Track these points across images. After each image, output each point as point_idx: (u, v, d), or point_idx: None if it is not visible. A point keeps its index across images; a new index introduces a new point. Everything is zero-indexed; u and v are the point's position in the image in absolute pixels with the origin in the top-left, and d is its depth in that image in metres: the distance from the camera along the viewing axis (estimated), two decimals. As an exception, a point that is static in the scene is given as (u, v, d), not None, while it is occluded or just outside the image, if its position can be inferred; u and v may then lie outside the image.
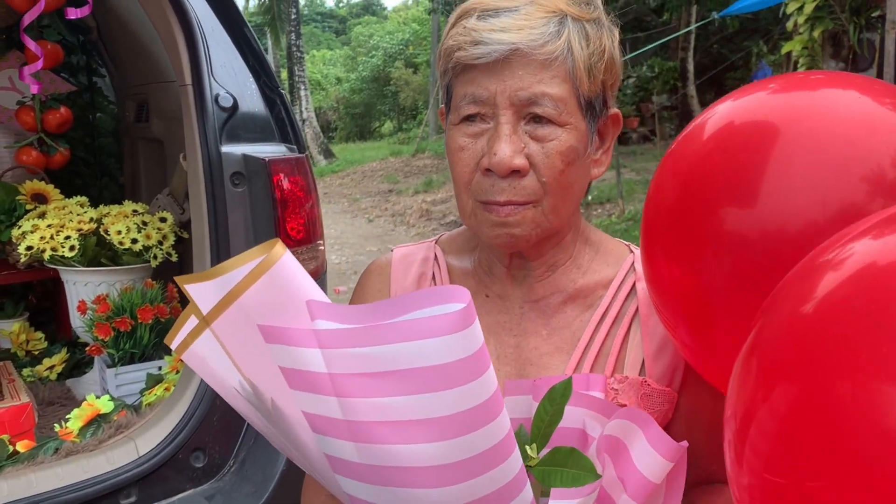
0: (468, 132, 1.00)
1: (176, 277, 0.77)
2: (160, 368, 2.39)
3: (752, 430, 0.61)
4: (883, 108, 0.78)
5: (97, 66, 3.44)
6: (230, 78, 2.21)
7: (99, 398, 2.12)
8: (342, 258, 9.50)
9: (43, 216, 2.57)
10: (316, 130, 22.35)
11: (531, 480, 0.80)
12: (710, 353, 0.90)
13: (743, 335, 0.71)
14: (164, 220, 2.58)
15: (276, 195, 2.17)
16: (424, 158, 17.88)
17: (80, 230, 2.44)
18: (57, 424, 2.09)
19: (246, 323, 0.72)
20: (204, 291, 0.74)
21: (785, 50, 9.39)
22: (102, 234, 2.46)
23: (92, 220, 2.49)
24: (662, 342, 1.06)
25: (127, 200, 2.65)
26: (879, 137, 0.75)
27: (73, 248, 2.41)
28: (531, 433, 0.83)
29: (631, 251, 1.15)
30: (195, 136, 2.14)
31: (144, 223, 2.52)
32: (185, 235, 2.59)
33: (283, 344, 0.72)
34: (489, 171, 0.98)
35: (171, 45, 2.20)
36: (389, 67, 28.53)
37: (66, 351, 2.79)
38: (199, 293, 0.75)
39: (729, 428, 0.67)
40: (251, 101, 2.24)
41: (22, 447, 1.98)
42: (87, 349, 2.50)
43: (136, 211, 2.57)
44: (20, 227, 2.51)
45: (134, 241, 2.45)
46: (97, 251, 2.46)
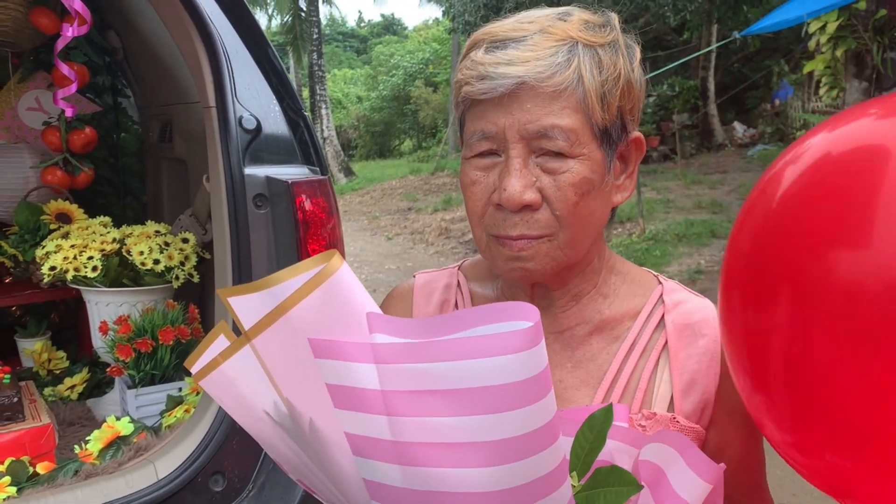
0: (480, 166, 0.99)
1: (218, 290, 0.74)
2: (180, 390, 2.38)
3: None
4: None
5: (122, 86, 3.48)
6: (254, 100, 2.22)
7: (119, 420, 2.11)
8: (361, 276, 9.51)
9: (66, 236, 2.58)
10: (336, 148, 22.51)
11: None
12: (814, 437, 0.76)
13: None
14: (186, 240, 2.59)
15: (298, 217, 2.16)
16: (443, 177, 17.93)
17: (102, 251, 2.45)
18: (77, 446, 2.09)
19: (292, 338, 0.69)
20: (248, 304, 0.71)
21: (807, 69, 9.35)
22: (125, 254, 2.47)
23: (115, 240, 2.50)
24: (692, 378, 1.03)
25: (149, 220, 2.66)
26: None
27: (95, 268, 2.42)
28: (570, 462, 0.81)
29: (659, 282, 1.12)
30: (218, 157, 2.14)
31: (167, 244, 2.53)
32: (207, 256, 2.59)
33: (334, 359, 0.69)
34: (501, 206, 0.96)
35: (195, 67, 2.22)
36: (409, 86, 28.71)
37: (87, 371, 2.80)
38: (242, 306, 0.72)
39: None
40: (274, 123, 2.24)
41: (42, 469, 1.98)
42: (107, 370, 2.50)
43: (158, 231, 2.58)
44: (44, 247, 2.53)
45: (156, 261, 2.46)
46: (119, 272, 2.47)
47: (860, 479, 0.72)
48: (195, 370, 0.77)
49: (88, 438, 2.08)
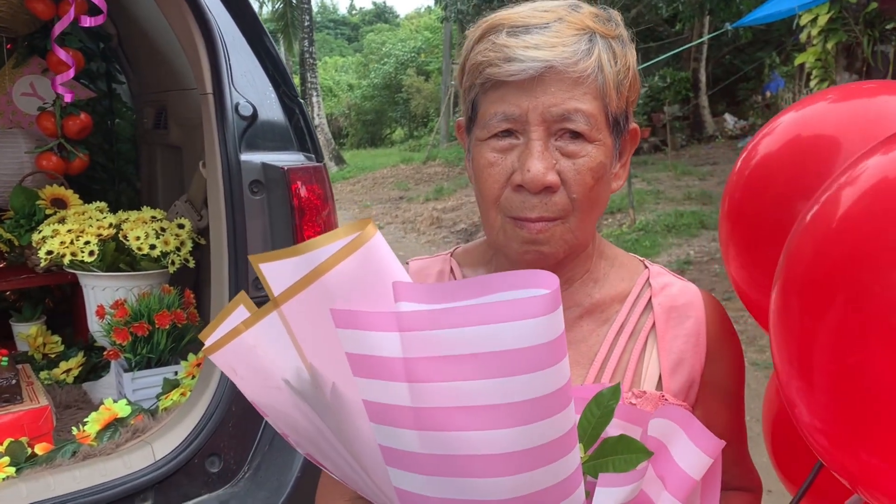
0: (497, 147, 0.99)
1: (250, 256, 0.75)
2: (176, 373, 2.41)
3: None
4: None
5: (116, 72, 3.48)
6: (250, 87, 2.24)
7: (116, 402, 2.14)
8: (353, 265, 9.50)
9: (63, 221, 2.60)
10: (327, 137, 22.43)
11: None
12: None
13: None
14: (182, 226, 2.61)
15: (293, 203, 2.19)
16: (435, 166, 17.91)
17: (99, 235, 2.47)
18: (74, 427, 2.11)
19: (323, 303, 0.70)
20: (280, 270, 0.72)
21: (798, 61, 9.39)
22: (121, 239, 2.49)
23: (111, 225, 2.52)
24: (679, 358, 1.08)
25: (144, 206, 2.68)
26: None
27: (92, 253, 2.44)
28: (578, 435, 0.83)
29: (646, 266, 1.16)
30: (215, 144, 2.16)
31: (163, 229, 2.55)
32: (202, 242, 2.62)
33: (355, 329, 0.70)
34: (520, 187, 0.97)
35: (192, 54, 2.23)
36: (401, 75, 28.62)
37: (82, 354, 2.82)
38: (274, 272, 0.73)
39: None
40: (270, 110, 2.26)
41: (40, 449, 2.00)
42: (104, 353, 2.53)
43: (154, 217, 2.60)
44: (40, 231, 2.54)
45: (152, 246, 2.48)
46: (116, 256, 2.49)
47: (887, 476, 0.77)
48: (210, 342, 0.78)
49: (86, 420, 2.10)
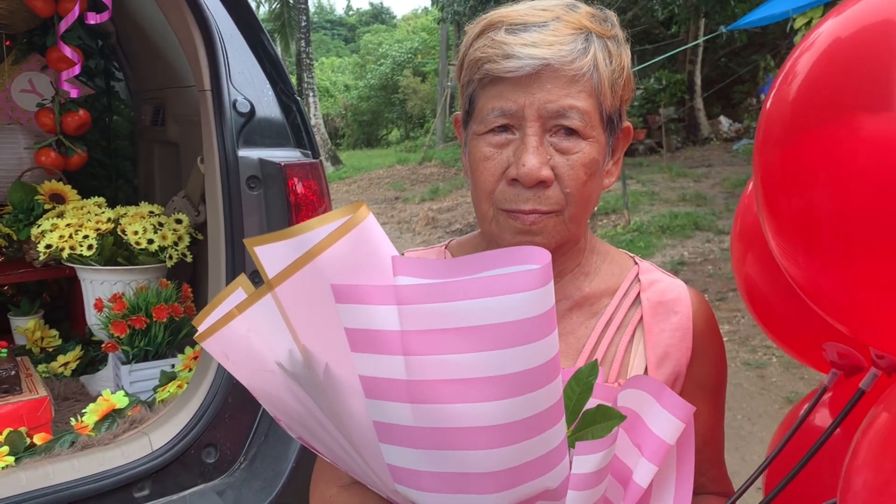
0: (493, 142, 1.02)
1: (245, 240, 0.76)
2: (173, 366, 2.44)
3: None
4: None
5: (115, 69, 3.51)
6: (248, 84, 2.27)
7: (114, 393, 2.17)
8: (348, 264, 9.52)
9: (62, 216, 2.63)
10: (324, 137, 22.44)
11: None
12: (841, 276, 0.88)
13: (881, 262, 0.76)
14: (179, 221, 2.64)
15: (290, 199, 2.22)
16: (431, 167, 17.94)
17: (98, 230, 2.50)
18: (73, 418, 2.14)
19: (316, 284, 0.71)
20: (275, 253, 0.73)
21: (792, 65, 9.41)
22: (120, 234, 2.52)
23: (109, 220, 2.55)
24: (665, 351, 1.11)
25: (142, 202, 2.71)
26: None
27: (91, 247, 2.47)
28: None
29: (635, 262, 1.19)
30: (213, 140, 2.19)
31: (161, 224, 2.58)
32: (199, 237, 2.65)
33: (356, 303, 0.72)
34: (515, 181, 1.00)
35: (190, 51, 2.27)
36: (398, 76, 28.65)
37: (80, 348, 2.85)
38: (268, 255, 0.74)
39: None
40: (268, 106, 2.29)
41: (39, 440, 2.03)
42: (102, 346, 2.56)
43: (152, 212, 2.63)
44: (39, 225, 2.57)
45: (150, 241, 2.51)
46: (114, 251, 2.52)
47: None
48: (203, 328, 0.80)
49: (84, 411, 2.13)
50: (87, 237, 2.47)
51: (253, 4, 2.39)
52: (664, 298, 1.14)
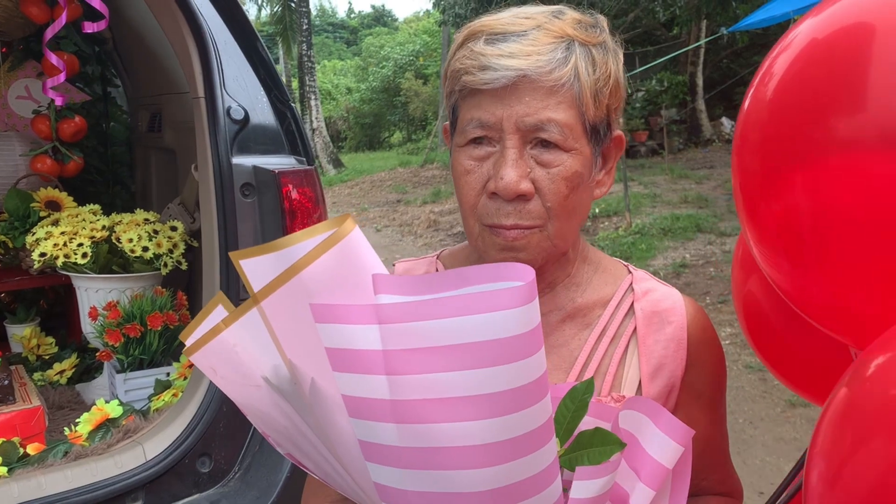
0: (474, 155, 1.01)
1: (230, 253, 0.75)
2: (168, 374, 2.43)
3: None
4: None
5: (111, 76, 3.50)
6: (242, 91, 2.26)
7: (108, 402, 2.16)
8: (349, 267, 9.51)
9: (56, 223, 2.62)
10: (325, 140, 22.47)
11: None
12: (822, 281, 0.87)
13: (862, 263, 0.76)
14: (174, 228, 2.63)
15: (284, 206, 2.21)
16: (433, 169, 17.94)
17: (92, 238, 2.49)
18: (67, 428, 2.13)
19: (302, 298, 0.70)
20: (260, 266, 0.73)
21: (793, 66, 9.40)
22: (114, 241, 2.51)
23: (104, 227, 2.54)
24: (659, 363, 1.08)
25: (138, 209, 2.70)
26: None
27: (85, 255, 2.46)
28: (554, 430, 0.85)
29: (629, 271, 1.16)
30: (207, 147, 2.18)
31: (156, 231, 2.57)
32: (195, 244, 2.64)
33: (335, 323, 0.70)
34: (495, 194, 0.98)
35: (184, 58, 2.26)
36: (399, 78, 28.63)
37: (76, 356, 2.83)
38: (253, 268, 0.73)
39: None
40: (262, 113, 2.28)
41: (32, 450, 2.02)
42: (97, 354, 2.55)
43: (147, 220, 2.62)
44: (34, 233, 2.56)
45: (145, 249, 2.50)
46: (109, 258, 2.51)
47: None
48: (190, 342, 0.78)
49: (78, 420, 2.12)
50: (81, 245, 2.46)
51: (254, 8, 2.38)
52: (658, 308, 1.11)
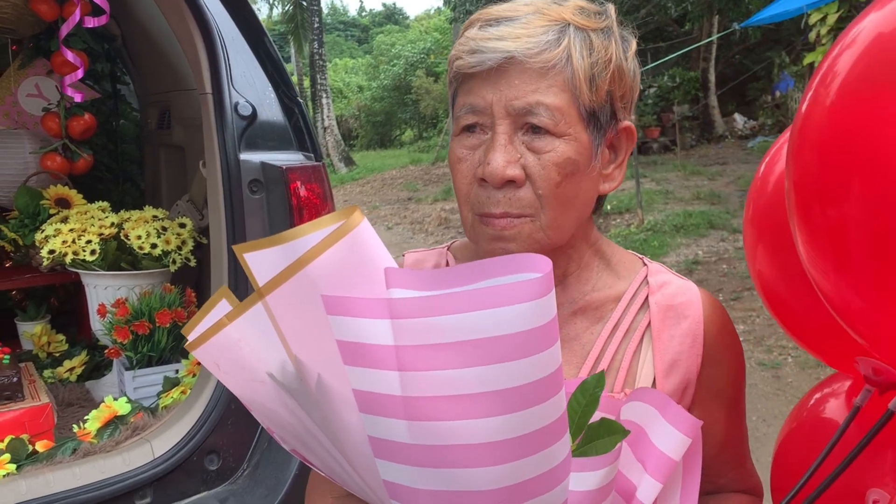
0: (467, 144, 1.00)
1: (234, 246, 0.73)
2: (177, 372, 2.42)
3: None
4: None
5: (121, 73, 3.51)
6: (249, 87, 2.25)
7: (117, 400, 2.16)
8: (360, 265, 9.54)
9: (65, 220, 2.62)
10: (337, 138, 22.48)
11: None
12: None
13: None
14: (183, 225, 2.62)
15: (292, 202, 2.20)
16: (444, 167, 17.92)
17: (101, 235, 2.49)
18: (75, 425, 2.13)
19: (308, 293, 0.68)
20: (264, 260, 0.70)
21: (807, 61, 9.31)
22: (123, 238, 2.50)
23: (113, 224, 2.54)
24: (674, 359, 1.05)
25: (147, 206, 2.70)
26: None
27: (93, 252, 2.45)
28: None
29: (644, 264, 1.13)
30: (214, 143, 2.17)
31: (164, 228, 2.57)
32: (203, 241, 2.63)
33: (347, 315, 0.68)
34: (484, 181, 0.97)
35: (192, 54, 2.25)
36: (410, 76, 28.60)
37: (86, 353, 2.84)
38: (258, 262, 0.71)
39: None
40: (270, 109, 2.27)
41: (41, 447, 2.02)
42: (105, 352, 2.55)
43: (156, 216, 2.62)
44: (43, 231, 2.56)
45: (153, 245, 2.49)
46: (118, 255, 2.50)
47: None
48: (192, 337, 0.77)
49: (87, 418, 2.12)
50: (89, 242, 2.46)
51: (266, 6, 2.38)
52: (674, 302, 1.08)
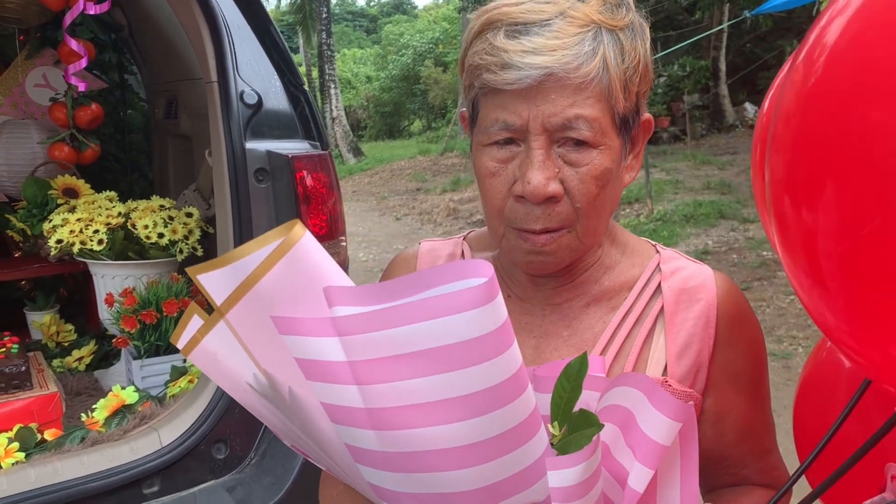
0: (498, 157, 0.96)
1: (187, 269, 0.73)
2: (184, 361, 2.43)
3: None
4: None
5: (128, 63, 3.50)
6: (255, 75, 2.24)
7: (124, 389, 2.16)
8: (369, 256, 9.56)
9: (73, 210, 2.62)
10: (345, 129, 22.48)
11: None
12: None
13: None
14: (190, 215, 2.62)
15: (298, 191, 2.19)
16: (452, 157, 17.90)
17: (108, 224, 2.49)
18: (83, 414, 2.14)
19: (262, 310, 0.69)
20: (217, 280, 0.71)
21: (819, 49, 9.24)
22: (130, 228, 2.51)
23: (120, 214, 2.54)
24: (686, 341, 1.04)
25: (155, 196, 2.70)
26: None
27: (101, 241, 2.46)
28: (551, 413, 0.81)
29: (657, 251, 1.12)
30: (220, 132, 2.17)
31: (171, 218, 2.57)
32: (210, 230, 2.63)
33: (297, 335, 0.69)
34: (522, 197, 0.94)
35: (197, 42, 2.24)
36: (419, 66, 28.54)
37: (94, 343, 2.85)
38: (212, 282, 0.71)
39: None
40: (276, 98, 2.26)
41: (49, 435, 2.03)
42: (113, 341, 2.55)
43: (163, 206, 2.62)
44: (51, 220, 2.57)
45: (160, 235, 2.50)
46: (125, 245, 2.51)
47: None
48: (181, 345, 0.77)
49: (95, 407, 2.13)
50: (97, 232, 2.46)
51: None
52: (687, 286, 1.06)
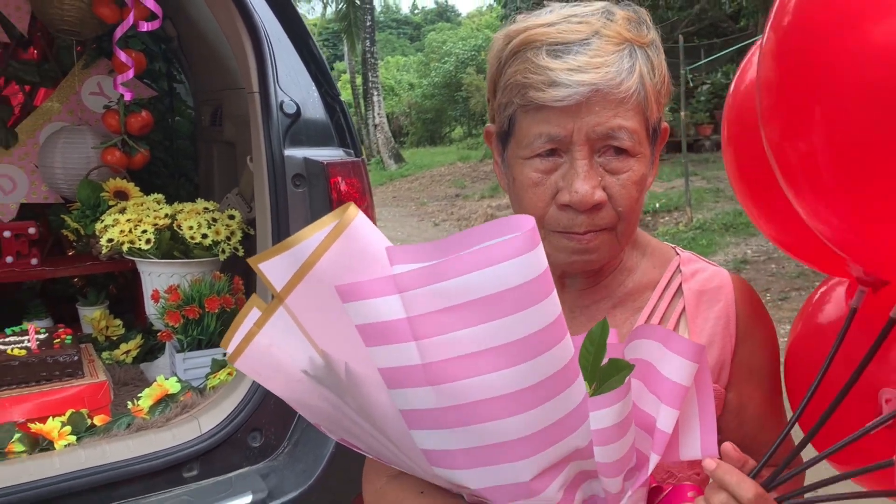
0: (541, 168, 1.01)
1: (249, 260, 0.80)
2: (224, 354, 2.55)
3: None
4: None
5: (177, 73, 3.67)
6: (294, 86, 2.37)
7: (168, 380, 2.30)
8: (407, 260, 9.65)
9: (123, 211, 2.78)
10: (387, 135, 22.69)
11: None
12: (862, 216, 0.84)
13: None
14: (232, 217, 2.76)
15: (333, 196, 2.31)
16: (492, 164, 17.92)
17: (155, 225, 2.64)
18: (130, 402, 2.27)
19: (322, 289, 0.74)
20: (277, 266, 0.76)
21: (864, 57, 9.10)
22: (176, 228, 2.65)
23: (167, 215, 2.69)
24: (709, 340, 1.10)
25: (200, 198, 2.85)
26: None
27: (148, 241, 2.61)
28: (582, 375, 0.87)
29: (677, 253, 1.18)
30: (261, 140, 2.30)
31: (214, 220, 2.71)
32: (251, 232, 2.77)
33: (360, 299, 0.74)
34: (567, 206, 1.00)
35: (241, 55, 2.37)
36: (461, 73, 28.63)
37: (140, 337, 3.00)
38: (272, 269, 0.77)
39: None
40: (313, 108, 2.38)
41: (98, 421, 2.17)
42: (158, 335, 2.70)
43: (207, 208, 2.76)
44: (102, 221, 2.73)
45: (204, 235, 2.64)
46: (171, 245, 2.65)
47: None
48: (230, 350, 0.81)
49: (140, 395, 2.26)
50: (145, 232, 2.61)
51: (320, 5, 2.49)
52: (707, 287, 1.13)
